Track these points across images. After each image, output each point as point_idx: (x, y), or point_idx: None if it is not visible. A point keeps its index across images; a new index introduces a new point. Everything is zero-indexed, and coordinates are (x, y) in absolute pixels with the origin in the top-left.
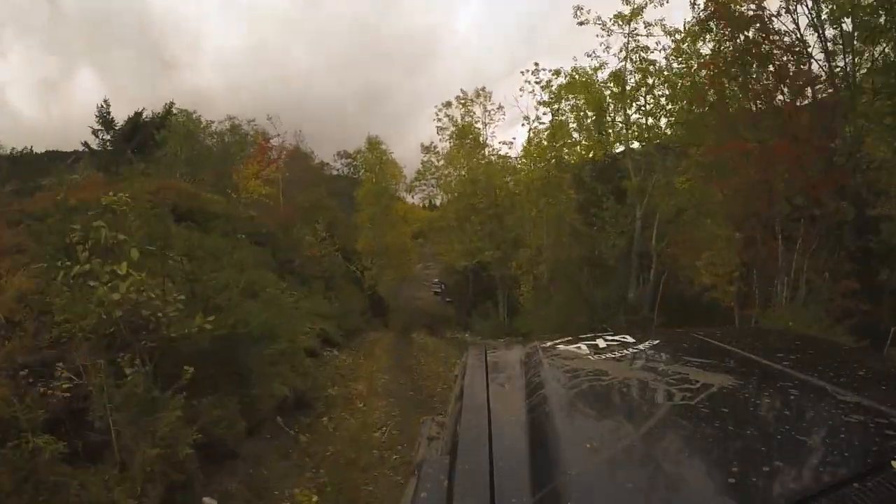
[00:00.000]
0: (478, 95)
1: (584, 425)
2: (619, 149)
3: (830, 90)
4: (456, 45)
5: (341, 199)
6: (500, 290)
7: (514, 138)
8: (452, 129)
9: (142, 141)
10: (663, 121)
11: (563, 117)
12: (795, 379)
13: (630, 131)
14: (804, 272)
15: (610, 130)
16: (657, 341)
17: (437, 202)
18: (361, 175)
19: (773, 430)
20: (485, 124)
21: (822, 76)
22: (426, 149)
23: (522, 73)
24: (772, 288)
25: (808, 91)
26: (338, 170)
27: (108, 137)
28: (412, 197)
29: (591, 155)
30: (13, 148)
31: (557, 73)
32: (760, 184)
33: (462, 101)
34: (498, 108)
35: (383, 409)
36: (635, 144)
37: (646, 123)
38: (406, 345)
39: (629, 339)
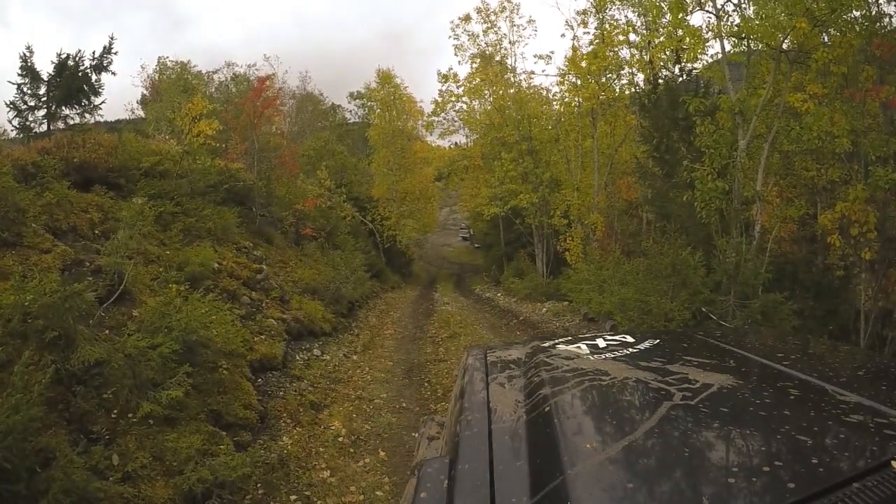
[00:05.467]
0: (503, 9)
1: (583, 425)
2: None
3: None
4: None
5: (357, 145)
6: (537, 241)
7: (552, 52)
8: (474, 49)
9: (75, 90)
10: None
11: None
12: (795, 379)
13: (726, 24)
14: None
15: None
16: (657, 341)
17: (464, 141)
18: (375, 115)
19: (773, 430)
20: (512, 42)
21: None
22: (444, 76)
23: None
24: None
25: None
26: (351, 111)
27: (30, 91)
28: (433, 136)
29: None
30: None
31: None
32: None
33: (484, 15)
34: (528, 23)
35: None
36: (727, 47)
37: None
38: (425, 315)
39: (629, 338)
